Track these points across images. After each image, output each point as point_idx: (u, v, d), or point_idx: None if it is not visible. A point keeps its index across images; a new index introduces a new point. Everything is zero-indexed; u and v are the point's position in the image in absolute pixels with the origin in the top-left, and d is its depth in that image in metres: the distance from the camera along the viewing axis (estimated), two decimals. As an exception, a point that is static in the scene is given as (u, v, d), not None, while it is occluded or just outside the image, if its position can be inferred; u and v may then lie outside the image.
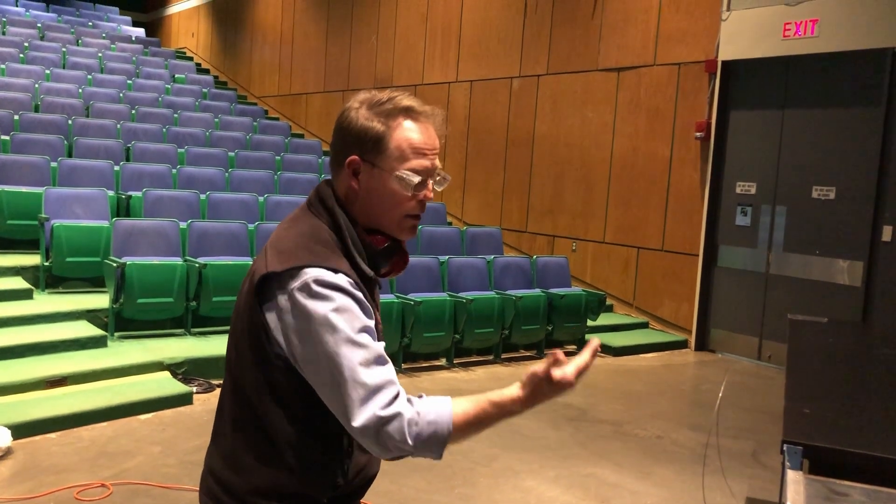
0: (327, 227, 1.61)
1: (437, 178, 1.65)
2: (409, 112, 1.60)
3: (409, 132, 1.59)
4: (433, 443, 1.47)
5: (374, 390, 1.45)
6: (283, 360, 1.55)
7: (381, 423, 1.43)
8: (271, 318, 1.53)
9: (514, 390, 1.52)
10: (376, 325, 1.70)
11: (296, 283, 1.49)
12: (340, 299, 1.49)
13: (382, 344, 1.56)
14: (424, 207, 1.65)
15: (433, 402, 1.49)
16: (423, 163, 1.60)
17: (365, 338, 1.49)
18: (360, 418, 1.43)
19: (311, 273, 1.49)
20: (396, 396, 1.46)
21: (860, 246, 7.62)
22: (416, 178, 1.59)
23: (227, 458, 1.65)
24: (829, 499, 1.79)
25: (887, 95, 7.46)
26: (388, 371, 1.50)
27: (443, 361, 7.40)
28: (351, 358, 1.46)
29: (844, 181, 7.77)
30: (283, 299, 1.50)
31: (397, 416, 1.44)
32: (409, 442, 1.45)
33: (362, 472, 1.69)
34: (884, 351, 3.83)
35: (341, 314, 1.48)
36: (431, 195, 1.64)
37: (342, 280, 1.51)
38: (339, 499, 1.66)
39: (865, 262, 7.57)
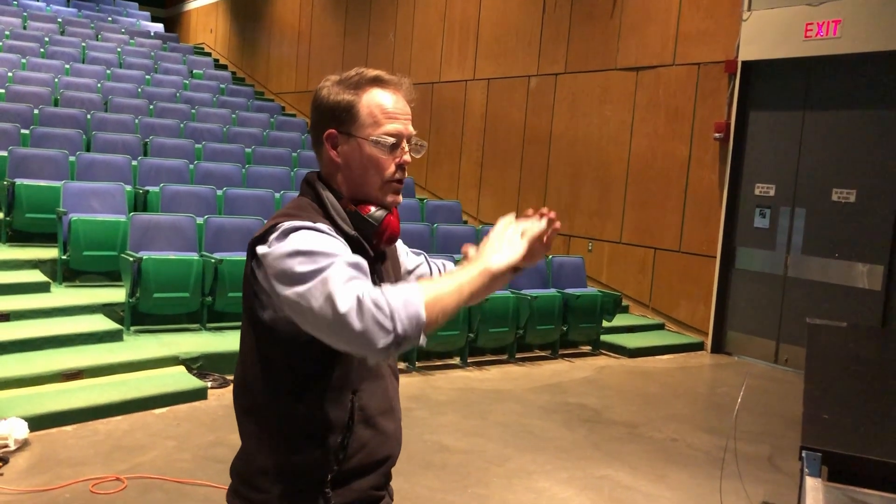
0: (309, 200, 1.69)
1: (414, 144, 1.71)
2: (376, 81, 1.68)
3: (378, 98, 1.66)
4: (409, 308, 1.41)
5: (351, 286, 1.42)
6: (272, 323, 1.58)
7: (359, 304, 1.39)
8: (258, 275, 1.57)
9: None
10: None
11: (274, 235, 1.55)
12: (315, 234, 1.53)
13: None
14: (404, 171, 1.70)
15: (397, 286, 1.46)
16: (395, 126, 1.66)
17: (345, 251, 1.52)
18: (344, 303, 1.40)
19: (286, 224, 1.55)
20: (366, 290, 1.43)
21: (881, 249, 7.54)
22: (391, 140, 1.65)
23: (241, 448, 1.73)
24: (849, 507, 1.76)
25: (910, 97, 7.37)
26: (364, 279, 1.48)
27: (457, 360, 7.39)
28: (333, 266, 1.45)
29: (865, 184, 7.69)
30: (262, 249, 1.55)
31: (374, 297, 1.40)
32: (384, 313, 1.39)
33: (365, 449, 1.68)
34: (904, 356, 3.78)
35: (318, 240, 1.51)
36: (408, 159, 1.69)
37: (320, 226, 1.56)
38: (343, 478, 1.66)
39: (886, 265, 7.48)
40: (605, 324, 8.33)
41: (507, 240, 1.59)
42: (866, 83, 7.71)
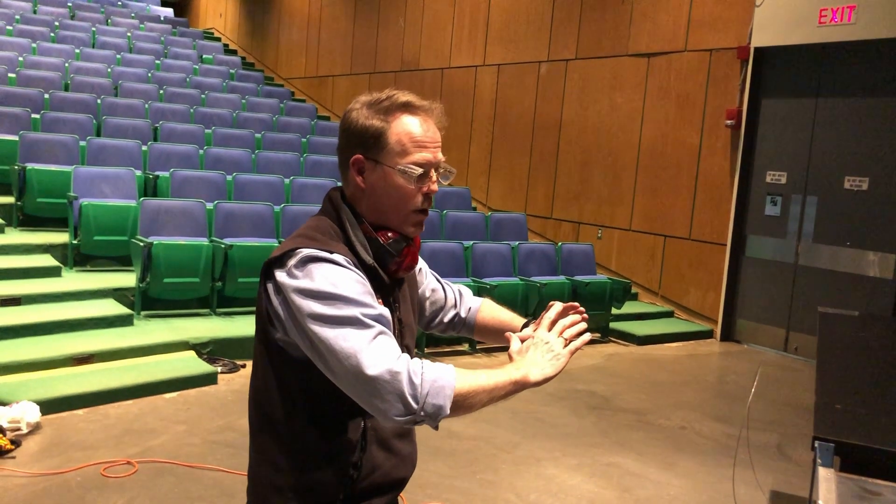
0: (331, 222, 1.66)
1: (442, 171, 1.68)
2: (407, 107, 1.63)
3: (408, 126, 1.62)
4: (437, 398, 1.44)
5: (380, 349, 1.46)
6: (284, 344, 1.58)
7: (392, 376, 1.43)
8: (273, 300, 1.57)
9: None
10: (402, 324, 1.72)
11: (292, 261, 1.54)
12: (334, 269, 1.52)
13: (384, 310, 1.56)
14: (431, 201, 1.68)
15: (436, 366, 1.49)
16: (424, 156, 1.62)
17: (368, 299, 1.52)
18: (373, 367, 1.43)
19: (305, 251, 1.54)
20: (399, 356, 1.48)
21: (892, 238, 7.48)
22: (419, 171, 1.61)
23: (250, 460, 1.73)
24: (862, 497, 1.75)
25: (925, 85, 7.30)
26: (389, 336, 1.51)
27: (465, 347, 7.39)
28: (357, 319, 1.48)
29: (878, 172, 7.63)
30: (281, 276, 1.55)
31: (411, 373, 1.44)
32: (414, 393, 1.43)
33: (379, 470, 1.68)
34: (917, 346, 3.76)
35: (339, 279, 1.51)
36: (436, 188, 1.66)
37: (338, 258, 1.55)
38: (356, 497, 1.66)
39: (898, 254, 7.44)
40: (614, 311, 8.31)
41: (553, 353, 1.60)
42: (880, 70, 7.64)
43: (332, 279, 1.50)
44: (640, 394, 6.44)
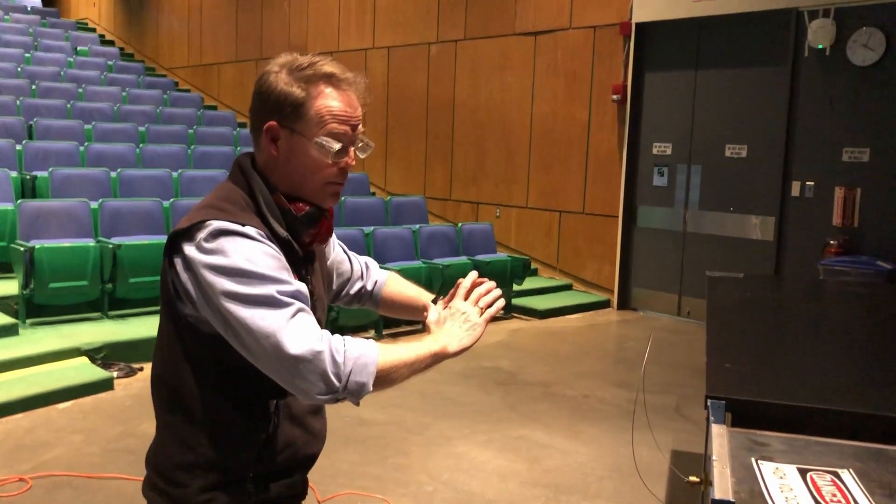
0: (241, 191, 1.58)
1: (360, 145, 1.63)
2: (330, 79, 1.57)
3: (329, 99, 1.56)
4: (360, 375, 1.43)
5: (300, 328, 1.42)
6: (195, 320, 1.52)
7: (314, 355, 1.40)
8: (182, 275, 1.50)
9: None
10: (314, 297, 1.68)
11: (202, 234, 1.47)
12: (247, 243, 1.47)
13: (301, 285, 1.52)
14: (346, 175, 1.62)
15: (357, 342, 1.48)
16: (344, 129, 1.57)
17: (283, 275, 1.48)
18: (294, 346, 1.40)
19: (215, 224, 1.48)
20: (321, 335, 1.44)
21: (771, 202, 7.89)
22: (337, 145, 1.56)
23: (155, 439, 1.66)
24: (751, 449, 1.84)
25: (793, 55, 7.69)
26: (308, 312, 1.48)
27: (371, 333, 7.37)
28: (274, 297, 1.43)
29: (755, 139, 8.01)
30: (190, 250, 1.48)
31: (333, 351, 1.42)
32: (336, 371, 1.42)
33: (291, 447, 1.65)
34: (796, 303, 3.98)
35: (253, 254, 1.46)
36: (353, 162, 1.61)
37: (249, 230, 1.49)
38: (268, 475, 1.63)
39: (777, 217, 7.85)
40: (515, 287, 8.46)
41: (470, 323, 1.66)
42: (753, 42, 8.00)
43: (245, 254, 1.45)
44: (545, 366, 6.59)
